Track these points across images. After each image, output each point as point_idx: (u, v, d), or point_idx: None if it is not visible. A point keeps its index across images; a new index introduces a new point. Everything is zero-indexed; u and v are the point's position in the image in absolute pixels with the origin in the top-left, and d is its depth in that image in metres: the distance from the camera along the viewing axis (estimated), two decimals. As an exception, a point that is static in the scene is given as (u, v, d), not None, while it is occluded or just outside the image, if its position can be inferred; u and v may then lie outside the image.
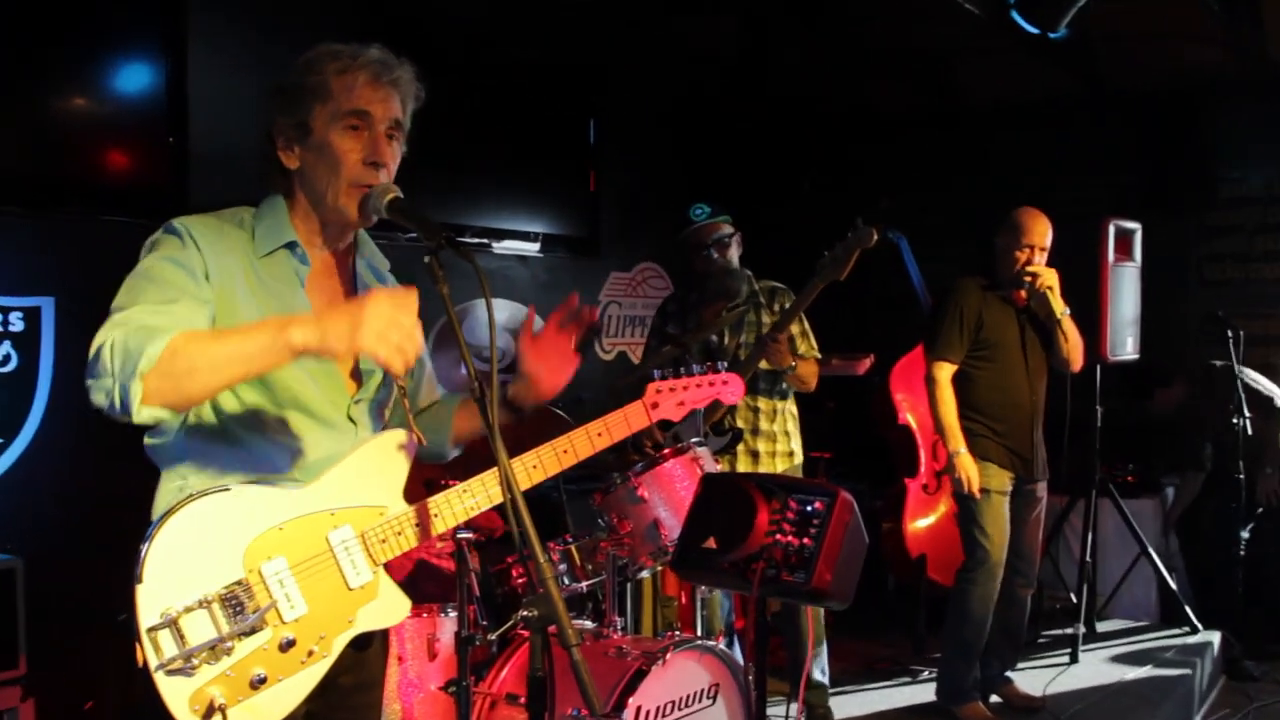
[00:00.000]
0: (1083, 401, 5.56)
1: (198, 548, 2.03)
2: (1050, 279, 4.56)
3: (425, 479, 3.44)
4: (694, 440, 3.84)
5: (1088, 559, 5.79)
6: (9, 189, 4.11)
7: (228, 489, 2.07)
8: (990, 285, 4.71)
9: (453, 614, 3.48)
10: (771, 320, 4.42)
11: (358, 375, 2.30)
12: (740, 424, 4.48)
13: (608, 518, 3.74)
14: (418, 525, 2.26)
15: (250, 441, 2.18)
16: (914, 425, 6.14)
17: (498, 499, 2.34)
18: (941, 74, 6.80)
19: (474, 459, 3.23)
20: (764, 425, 4.52)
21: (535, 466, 2.46)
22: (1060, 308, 4.58)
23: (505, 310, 5.67)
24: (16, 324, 4.05)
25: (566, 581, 3.65)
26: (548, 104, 6.22)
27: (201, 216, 2.21)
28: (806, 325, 4.49)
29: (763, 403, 4.48)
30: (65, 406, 4.07)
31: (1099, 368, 5.62)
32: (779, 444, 4.53)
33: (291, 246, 2.23)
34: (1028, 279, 4.56)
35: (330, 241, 2.30)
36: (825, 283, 4.28)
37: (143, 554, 1.98)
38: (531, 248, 6.09)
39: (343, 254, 2.34)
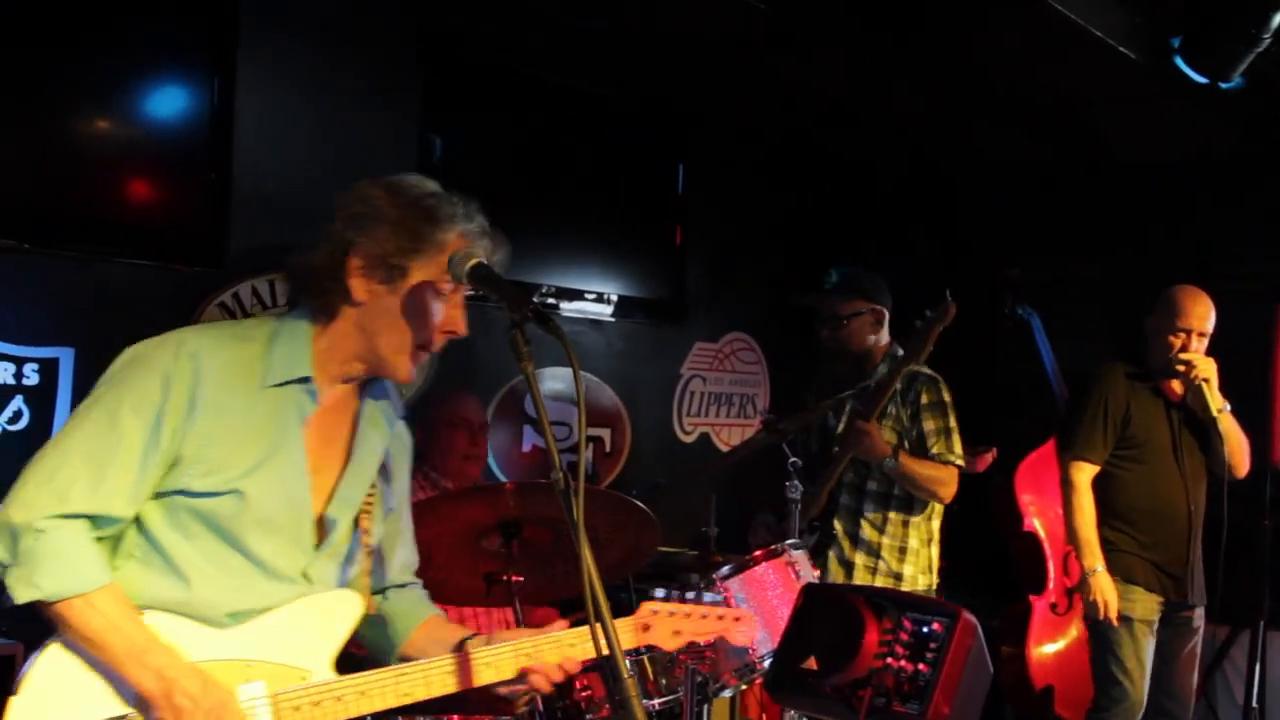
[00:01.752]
0: (1247, 513, 5.46)
1: (91, 669, 2.16)
2: (1207, 370, 4.52)
3: (485, 573, 3.51)
4: (789, 542, 3.85)
5: (1254, 704, 5.63)
6: (23, 224, 4.21)
7: (141, 613, 2.20)
8: (1139, 374, 4.68)
9: (505, 728, 3.51)
10: (904, 413, 4.44)
11: (321, 524, 2.40)
12: (838, 527, 4.49)
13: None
14: (338, 699, 2.29)
15: (190, 579, 2.26)
16: (1042, 533, 6.06)
17: (436, 691, 2.39)
18: (1080, 123, 6.80)
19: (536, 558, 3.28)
20: (866, 534, 4.49)
21: (488, 665, 2.47)
22: (1218, 403, 4.53)
23: (565, 381, 5.76)
24: (31, 377, 4.17)
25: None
26: (630, 148, 6.32)
27: (215, 334, 2.34)
28: (950, 421, 4.45)
29: (870, 510, 4.49)
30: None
31: (1268, 474, 5.53)
32: (883, 561, 4.48)
33: (304, 382, 2.34)
34: (1181, 368, 4.53)
35: (345, 379, 2.42)
36: (902, 367, 4.31)
37: (28, 664, 2.13)
38: (605, 310, 6.17)
39: (352, 391, 2.46)
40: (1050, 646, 5.97)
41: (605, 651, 2.02)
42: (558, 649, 2.50)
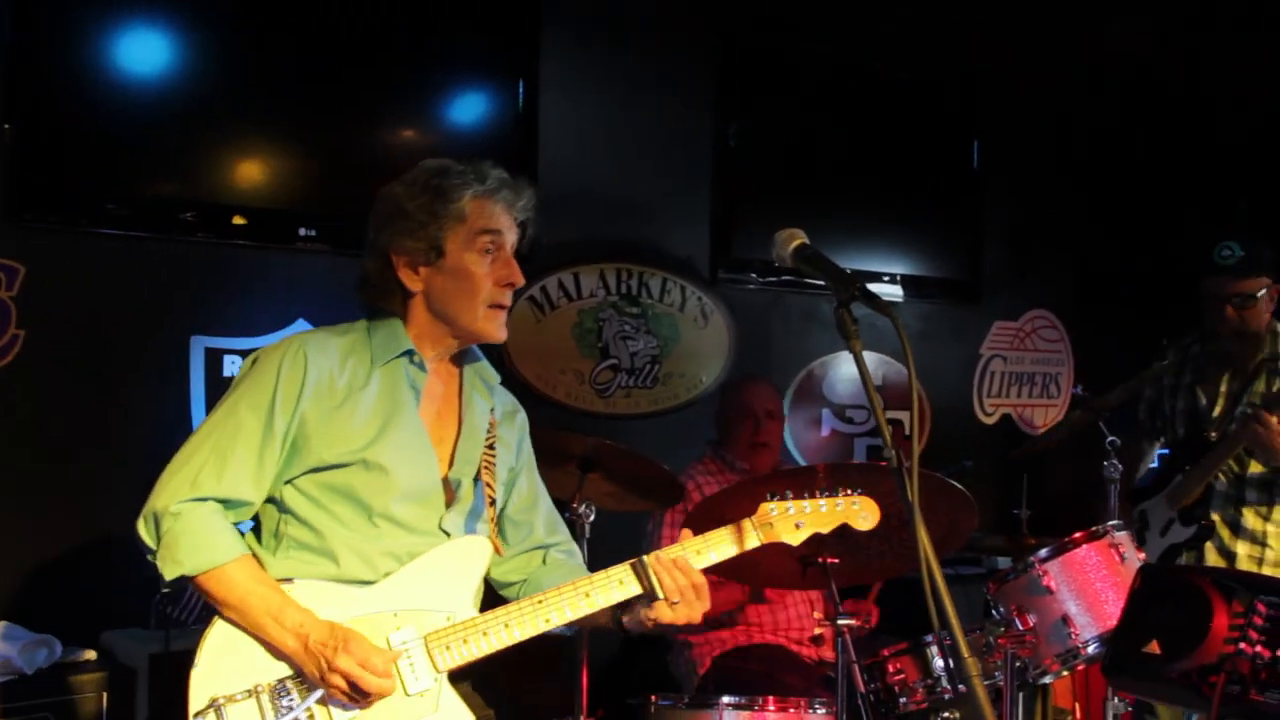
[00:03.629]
0: None
1: (253, 639, 2.36)
2: None
3: (800, 556, 3.51)
4: (1111, 524, 3.70)
5: None
6: (332, 229, 4.54)
7: (290, 581, 2.40)
8: None
9: (820, 710, 3.51)
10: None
11: (448, 484, 2.56)
12: (1215, 517, 4.24)
13: (1004, 610, 3.65)
14: (485, 634, 2.44)
15: (337, 551, 2.43)
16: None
17: (579, 613, 2.48)
18: None
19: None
20: (1250, 522, 4.23)
21: (619, 581, 2.53)
22: None
23: (872, 363, 5.71)
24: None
25: (945, 683, 3.60)
26: (922, 124, 6.19)
27: (322, 331, 2.55)
28: None
29: (1253, 496, 4.23)
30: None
31: None
32: (1270, 549, 4.20)
33: (409, 355, 2.52)
34: None
35: (441, 353, 2.60)
36: None
37: (201, 640, 2.34)
38: (900, 292, 6.09)
39: (453, 366, 2.65)
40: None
41: (942, 632, 1.99)
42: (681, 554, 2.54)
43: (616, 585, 2.52)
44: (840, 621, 3.29)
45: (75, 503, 4.06)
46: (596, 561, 2.65)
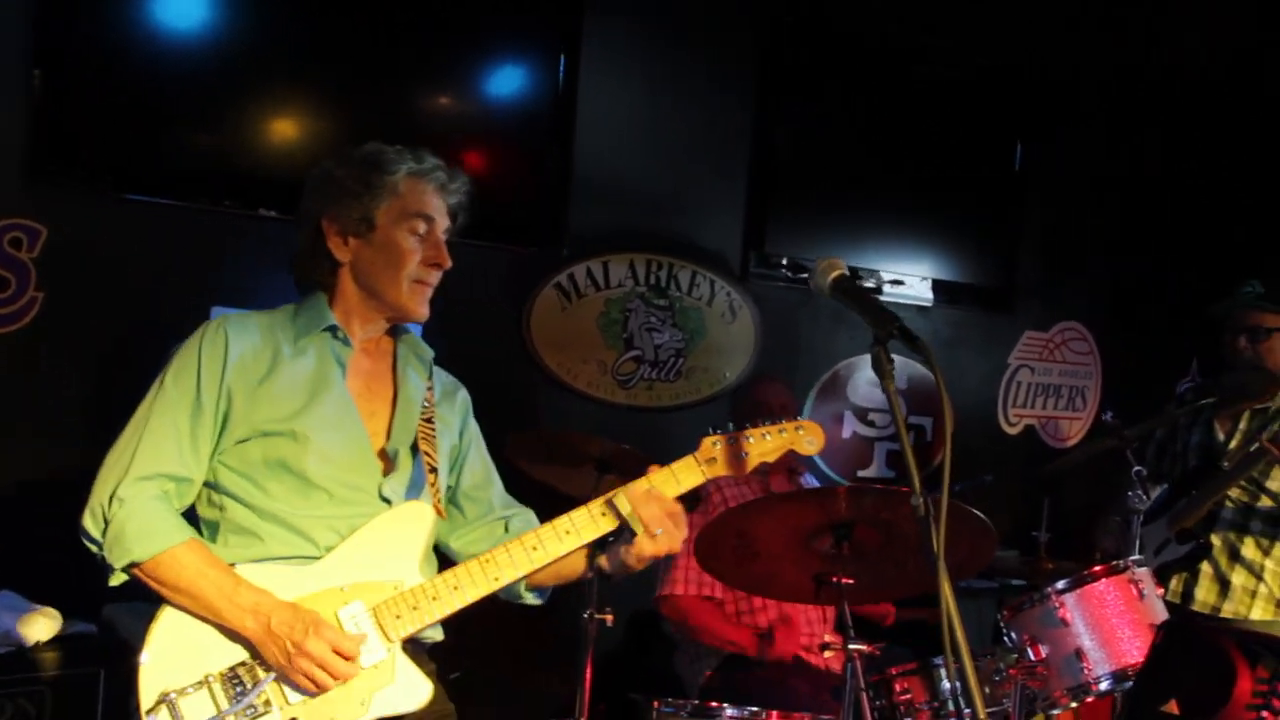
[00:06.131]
0: None
1: (203, 626, 2.34)
2: None
3: (815, 573, 3.47)
4: (1133, 559, 3.66)
5: None
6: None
7: (234, 566, 2.37)
8: None
9: (828, 728, 3.49)
10: None
11: (385, 456, 2.55)
12: (1216, 540, 4.29)
13: (1018, 638, 3.62)
14: (434, 599, 2.44)
15: (278, 528, 2.43)
16: None
17: (524, 567, 2.48)
18: None
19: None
20: (1249, 553, 4.28)
21: (568, 532, 2.53)
22: None
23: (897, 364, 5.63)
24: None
25: (951, 707, 3.57)
26: (966, 122, 6.06)
27: (245, 313, 2.57)
28: None
29: (1259, 528, 4.27)
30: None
31: None
32: (1265, 584, 4.26)
33: (333, 330, 2.55)
34: None
35: (370, 331, 2.61)
36: None
37: (146, 633, 2.32)
38: (930, 296, 6.01)
39: (383, 341, 2.66)
40: None
41: (959, 683, 1.95)
42: (628, 496, 2.51)
43: (596, 520, 2.52)
44: (851, 646, 3.27)
45: (87, 471, 4.02)
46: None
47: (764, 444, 2.67)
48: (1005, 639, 3.67)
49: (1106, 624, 3.47)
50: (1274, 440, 4.06)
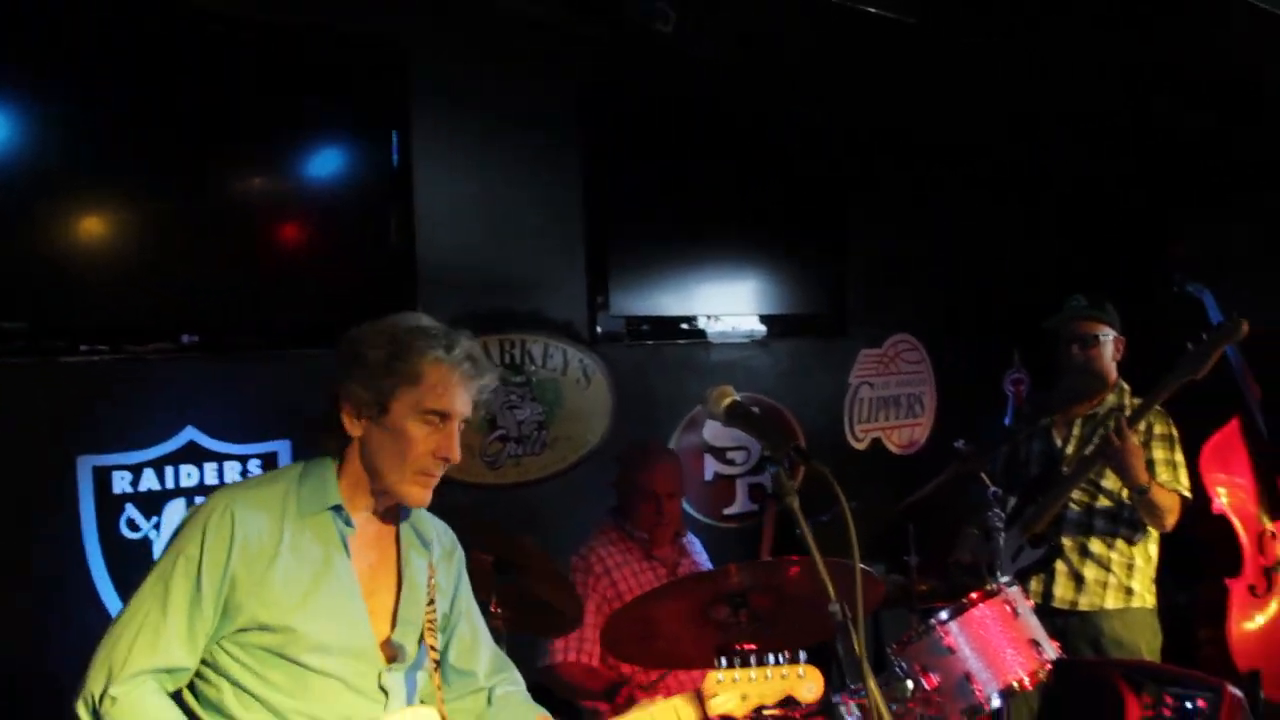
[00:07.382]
0: None
1: None
2: None
3: (715, 645, 3.59)
4: (1004, 580, 3.89)
5: None
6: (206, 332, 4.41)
7: None
8: None
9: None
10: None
11: (388, 646, 2.54)
12: (1066, 541, 4.63)
13: (908, 668, 3.80)
14: None
15: (272, 711, 2.41)
16: (1232, 515, 5.96)
17: None
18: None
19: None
20: (1096, 549, 4.64)
21: None
22: None
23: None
24: (255, 472, 4.41)
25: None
26: (786, 166, 6.33)
27: (250, 484, 2.59)
28: (1178, 455, 4.62)
29: (1101, 526, 4.65)
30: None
31: None
32: (1114, 575, 4.62)
33: (337, 510, 2.50)
34: None
35: (377, 508, 2.58)
36: (1181, 381, 4.43)
37: None
38: (765, 330, 6.24)
39: (388, 519, 2.61)
40: (1252, 628, 5.89)
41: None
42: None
43: None
44: (765, 712, 3.39)
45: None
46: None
47: (767, 686, 2.80)
48: (896, 669, 3.86)
49: (989, 646, 3.64)
50: (1117, 433, 4.39)
